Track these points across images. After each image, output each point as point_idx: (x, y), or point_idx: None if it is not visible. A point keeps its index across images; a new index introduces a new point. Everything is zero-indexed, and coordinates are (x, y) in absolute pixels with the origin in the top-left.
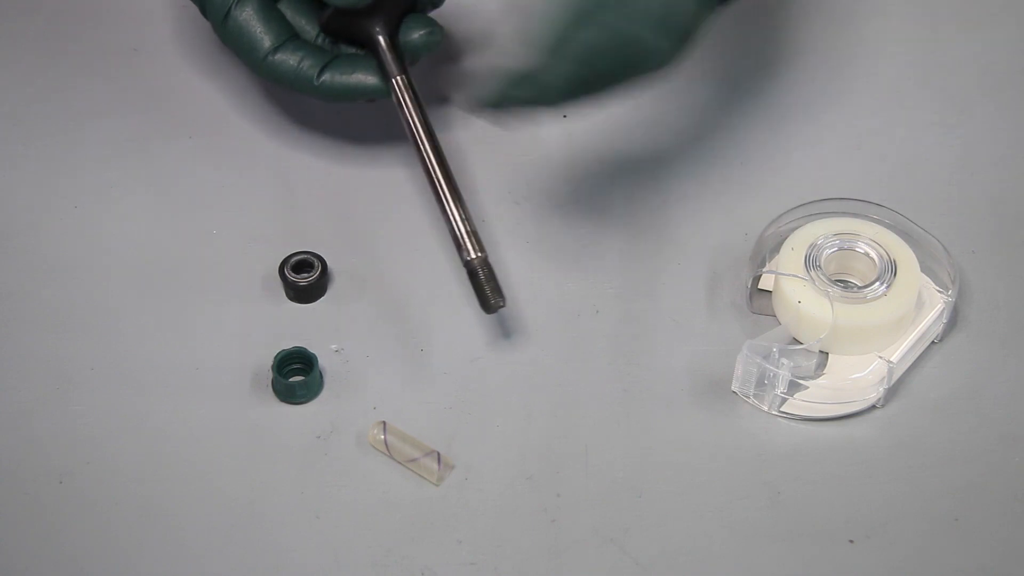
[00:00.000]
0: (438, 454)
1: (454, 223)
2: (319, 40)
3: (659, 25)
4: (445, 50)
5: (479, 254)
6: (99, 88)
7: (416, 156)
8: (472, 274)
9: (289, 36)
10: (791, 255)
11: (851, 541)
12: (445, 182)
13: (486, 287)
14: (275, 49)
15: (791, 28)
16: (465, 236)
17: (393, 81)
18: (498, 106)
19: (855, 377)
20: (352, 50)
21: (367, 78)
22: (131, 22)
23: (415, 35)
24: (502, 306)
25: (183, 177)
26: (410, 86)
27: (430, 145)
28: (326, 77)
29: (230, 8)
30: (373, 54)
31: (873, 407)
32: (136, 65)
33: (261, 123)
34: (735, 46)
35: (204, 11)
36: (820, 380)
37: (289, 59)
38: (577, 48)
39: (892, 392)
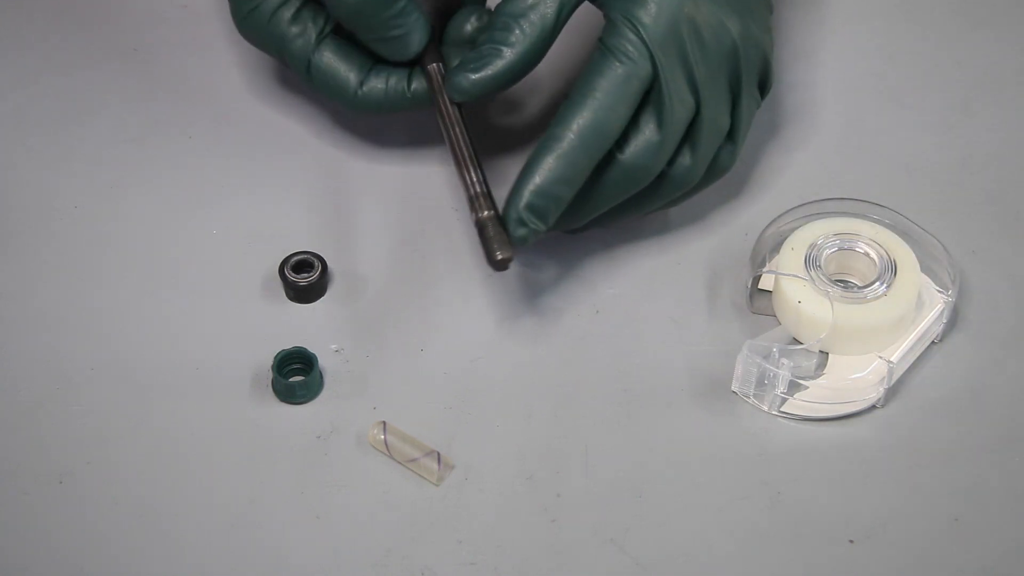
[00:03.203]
0: (438, 454)
1: (468, 183)
2: None
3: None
4: None
5: (489, 212)
6: (99, 88)
7: (443, 134)
8: (481, 231)
9: (372, 65)
10: (791, 255)
11: (851, 541)
12: (465, 146)
13: (494, 244)
14: (361, 83)
15: (791, 28)
16: (479, 196)
17: (427, 70)
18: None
19: (855, 377)
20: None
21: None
22: (131, 22)
23: (467, 26)
24: (509, 258)
25: (183, 177)
26: (441, 74)
27: (456, 116)
28: (415, 86)
29: (310, 58)
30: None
31: (873, 407)
32: (136, 65)
33: (261, 123)
34: None
35: (287, 64)
36: (820, 380)
37: (377, 85)
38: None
39: (892, 392)
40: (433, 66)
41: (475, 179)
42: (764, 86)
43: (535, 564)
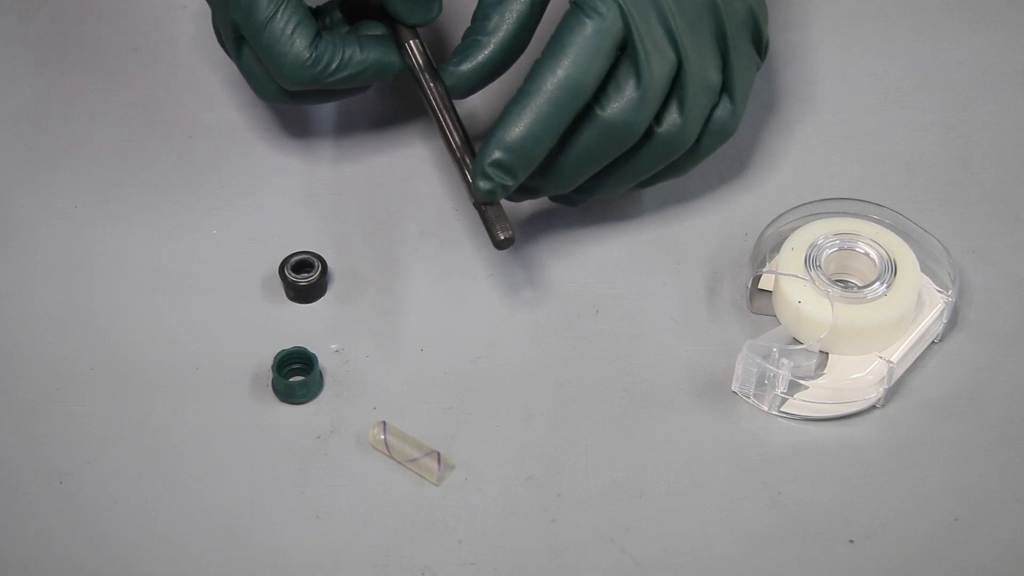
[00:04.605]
0: (438, 454)
1: (465, 166)
2: (334, 19)
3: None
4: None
5: None
6: (99, 88)
7: (432, 118)
8: (481, 212)
9: (320, 33)
10: (791, 255)
11: (851, 541)
12: (455, 129)
13: (495, 224)
14: (316, 46)
15: (791, 28)
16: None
17: (407, 46)
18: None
19: (855, 377)
20: (371, 31)
21: (390, 56)
22: (131, 22)
23: None
24: (511, 238)
25: (183, 177)
26: (423, 50)
27: (443, 98)
28: (372, 55)
29: (276, 10)
30: (388, 26)
31: (873, 407)
32: (136, 65)
33: (261, 123)
34: None
35: (243, 24)
36: (820, 380)
37: (327, 50)
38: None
39: (892, 392)
40: (412, 42)
41: (469, 161)
42: (759, 45)
43: (535, 564)
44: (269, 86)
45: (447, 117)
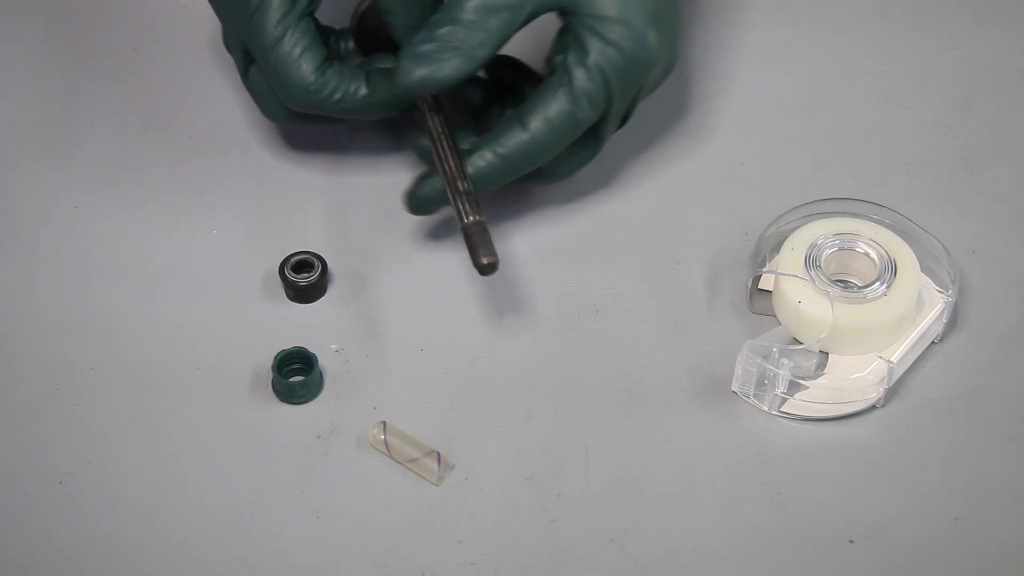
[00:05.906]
0: (438, 454)
1: (456, 194)
2: (348, 46)
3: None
4: None
5: (474, 217)
6: (99, 88)
7: (428, 142)
8: (467, 236)
9: (329, 60)
10: (791, 255)
11: (851, 541)
12: (450, 158)
13: (480, 249)
14: (323, 72)
15: (790, 27)
16: (464, 200)
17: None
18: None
19: (855, 377)
20: (384, 64)
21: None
22: (131, 22)
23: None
24: (494, 263)
25: (183, 177)
26: None
27: (439, 125)
28: (376, 88)
29: (287, 30)
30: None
31: (873, 407)
32: (136, 65)
33: (261, 123)
34: (734, 46)
35: (242, 31)
36: (820, 380)
37: (333, 78)
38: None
39: (892, 392)
40: None
41: (461, 187)
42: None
43: (535, 564)
44: (275, 106)
45: (443, 145)
